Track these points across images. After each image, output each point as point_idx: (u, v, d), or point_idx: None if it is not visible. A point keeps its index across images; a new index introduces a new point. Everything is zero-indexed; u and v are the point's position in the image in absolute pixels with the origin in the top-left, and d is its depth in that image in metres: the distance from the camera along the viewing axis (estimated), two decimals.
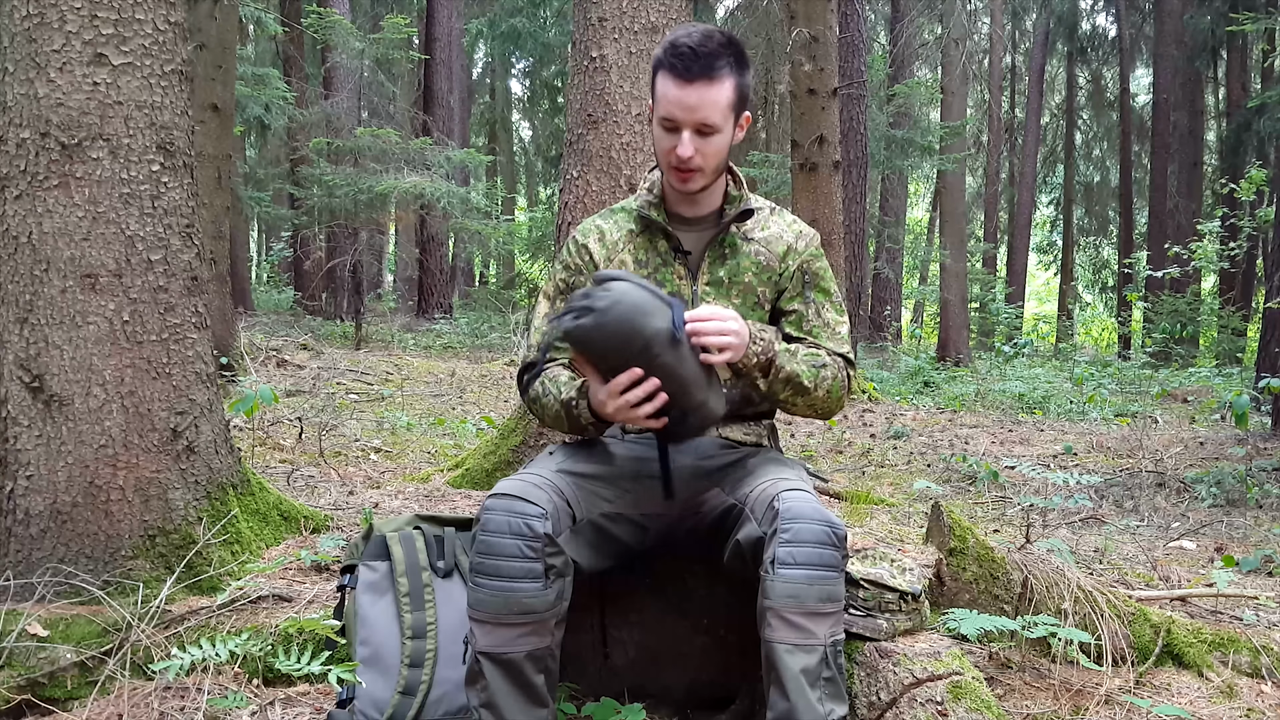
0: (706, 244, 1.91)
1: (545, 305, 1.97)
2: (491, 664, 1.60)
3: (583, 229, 1.98)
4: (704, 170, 1.81)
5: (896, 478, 4.72)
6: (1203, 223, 11.57)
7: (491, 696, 1.60)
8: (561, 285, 1.96)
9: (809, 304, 1.93)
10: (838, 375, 1.87)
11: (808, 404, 1.86)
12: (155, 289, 2.16)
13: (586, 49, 3.37)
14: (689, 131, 1.76)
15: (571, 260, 1.96)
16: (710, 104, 1.74)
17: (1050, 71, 22.10)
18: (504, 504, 1.62)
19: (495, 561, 1.60)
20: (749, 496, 1.74)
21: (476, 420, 5.66)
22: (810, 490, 1.70)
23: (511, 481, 1.68)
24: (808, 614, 1.55)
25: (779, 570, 1.57)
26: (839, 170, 8.09)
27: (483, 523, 1.62)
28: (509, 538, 1.60)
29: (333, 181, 9.97)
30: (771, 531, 1.61)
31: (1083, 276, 25.36)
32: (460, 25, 15.39)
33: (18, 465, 2.10)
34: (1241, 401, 4.83)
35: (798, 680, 1.53)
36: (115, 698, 1.83)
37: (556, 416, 1.84)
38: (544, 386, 1.86)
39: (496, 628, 1.60)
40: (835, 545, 1.59)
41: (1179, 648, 2.17)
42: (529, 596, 1.59)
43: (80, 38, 2.06)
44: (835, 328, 1.93)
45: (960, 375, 11.48)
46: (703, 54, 1.72)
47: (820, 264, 1.96)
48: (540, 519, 1.61)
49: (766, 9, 12.54)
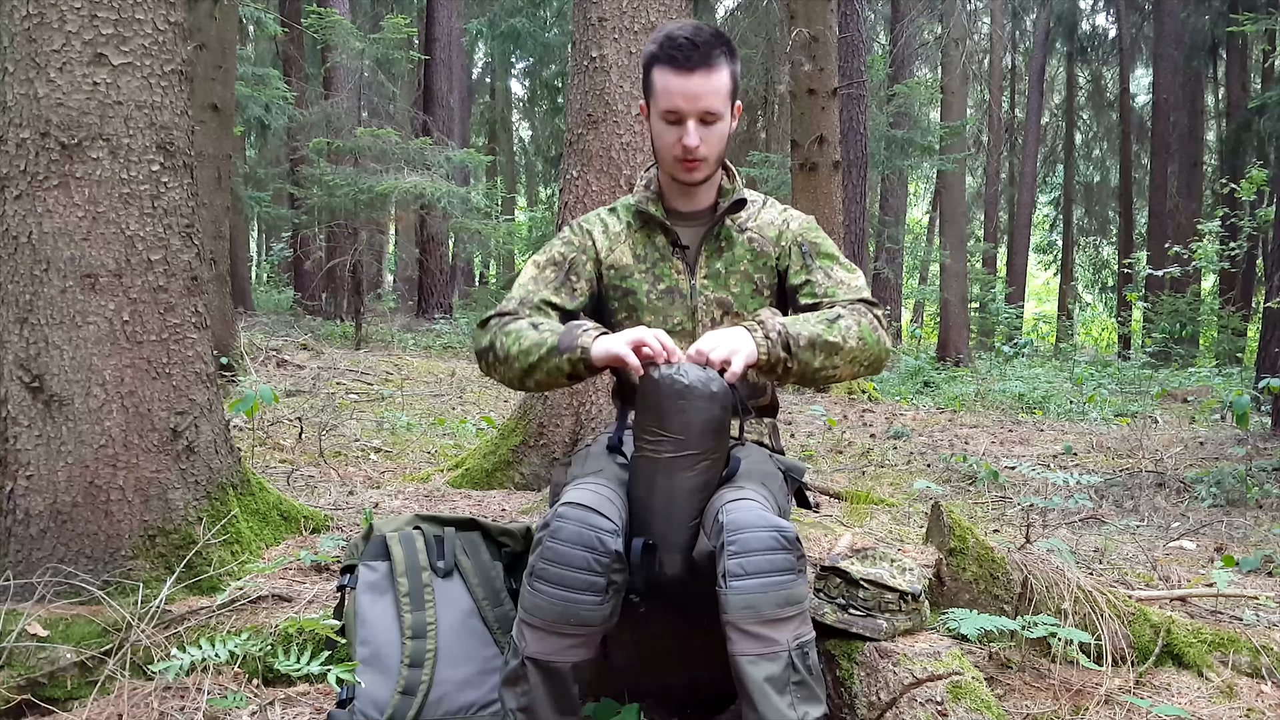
0: (702, 238, 1.92)
1: (533, 270, 1.93)
2: (538, 670, 1.59)
3: (587, 217, 2.00)
4: (709, 159, 1.83)
5: (896, 478, 4.72)
6: (1203, 223, 11.57)
7: (532, 702, 1.59)
8: (557, 258, 1.93)
9: (816, 270, 1.89)
10: (860, 320, 1.77)
11: (848, 360, 1.76)
12: (155, 289, 2.16)
13: (586, 49, 3.37)
14: (693, 121, 1.78)
15: (574, 239, 1.96)
16: (712, 92, 1.77)
17: (1050, 71, 22.09)
18: (578, 514, 1.60)
19: (560, 570, 1.57)
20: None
21: (476, 420, 5.66)
22: (759, 498, 1.67)
23: (585, 492, 1.65)
24: (766, 622, 1.54)
25: (731, 583, 1.55)
26: (839, 170, 8.10)
27: (553, 529, 1.59)
28: (579, 549, 1.57)
29: (333, 181, 9.97)
30: (720, 545, 1.59)
31: (1083, 276, 25.36)
32: (460, 25, 15.39)
33: (18, 465, 2.10)
34: (1241, 401, 4.83)
35: (763, 690, 1.52)
36: (115, 698, 1.83)
37: (534, 346, 1.73)
38: (532, 323, 1.78)
39: (549, 635, 1.58)
40: (786, 548, 1.57)
41: (1179, 648, 2.17)
42: (587, 609, 1.57)
43: (80, 38, 2.06)
44: (850, 283, 1.88)
45: (960, 375, 11.49)
46: (700, 43, 1.75)
47: (816, 234, 1.94)
48: (612, 535, 1.59)
49: (766, 9, 12.54)
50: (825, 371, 1.75)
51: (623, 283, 1.93)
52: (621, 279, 1.93)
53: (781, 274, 1.94)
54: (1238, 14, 10.13)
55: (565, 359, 1.70)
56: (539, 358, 1.73)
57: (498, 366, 1.80)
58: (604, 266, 1.94)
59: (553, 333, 1.74)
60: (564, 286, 1.90)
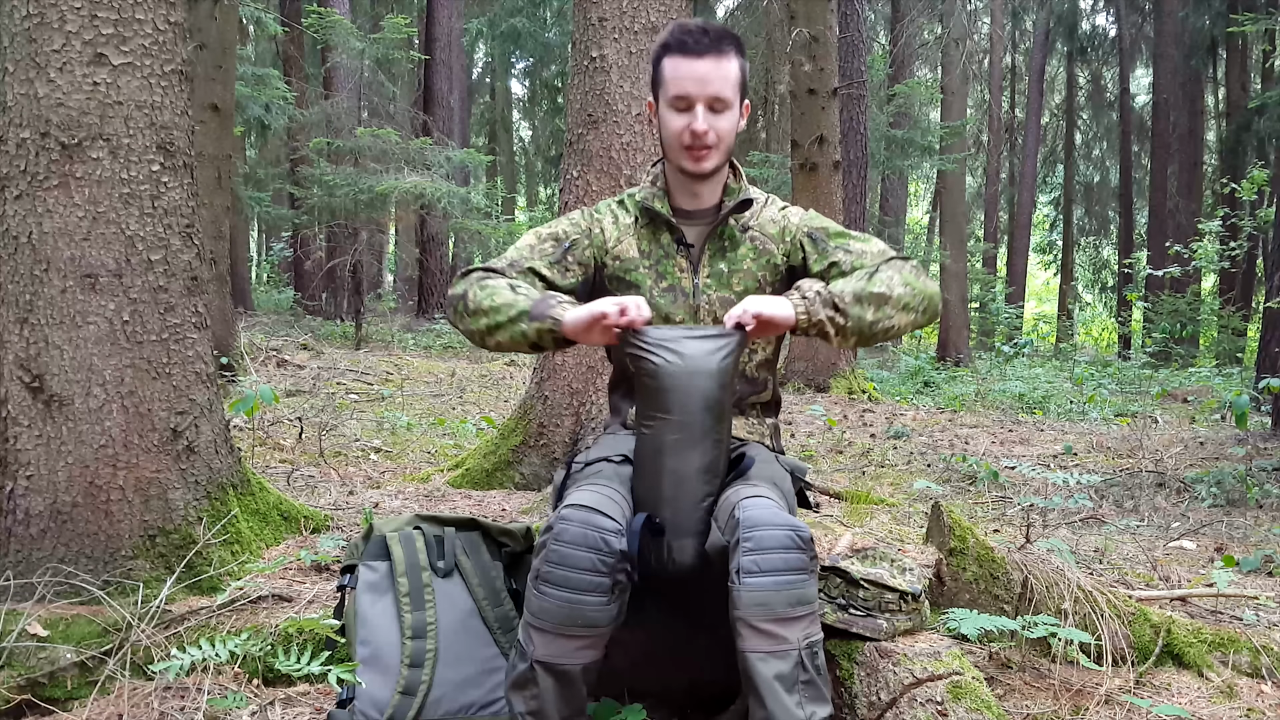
0: (706, 237, 1.93)
1: (531, 238, 1.93)
2: (547, 674, 1.58)
3: (599, 205, 2.01)
4: (718, 148, 1.84)
5: (896, 478, 4.72)
6: (1203, 222, 11.57)
7: (542, 705, 1.59)
8: (560, 234, 1.93)
9: (835, 251, 1.90)
10: (901, 269, 1.78)
11: (900, 308, 1.76)
12: (155, 289, 2.16)
13: (586, 49, 3.37)
14: (702, 106, 1.80)
15: (581, 221, 1.96)
16: (721, 78, 1.80)
17: (1050, 71, 22.09)
18: (582, 516, 1.59)
19: (565, 572, 1.57)
20: (714, 506, 1.73)
21: (476, 420, 5.66)
22: (774, 497, 1.67)
23: (588, 493, 1.65)
24: (778, 620, 1.54)
25: (745, 580, 1.55)
26: (839, 170, 8.10)
27: (557, 532, 1.59)
28: (584, 550, 1.57)
29: (333, 181, 9.97)
30: (735, 541, 1.59)
31: (1083, 276, 25.36)
32: (460, 25, 15.39)
33: (18, 465, 2.10)
34: (1241, 401, 4.82)
35: (772, 687, 1.52)
36: (115, 698, 1.83)
37: (505, 305, 1.73)
38: (511, 284, 1.78)
39: (558, 638, 1.58)
40: (800, 548, 1.58)
41: (1179, 648, 2.17)
42: (594, 610, 1.57)
43: (80, 38, 2.06)
44: (870, 248, 1.88)
45: (960, 375, 11.49)
46: (710, 31, 1.81)
47: (817, 220, 1.96)
48: (617, 535, 1.59)
49: (766, 9, 12.53)
50: (882, 324, 1.75)
51: (626, 275, 1.93)
52: (625, 271, 1.93)
53: (793, 269, 1.95)
54: (1237, 14, 10.13)
55: (534, 326, 1.71)
56: (507, 318, 1.73)
57: (464, 317, 1.79)
58: (609, 256, 1.94)
59: (528, 298, 1.75)
60: (558, 264, 1.90)
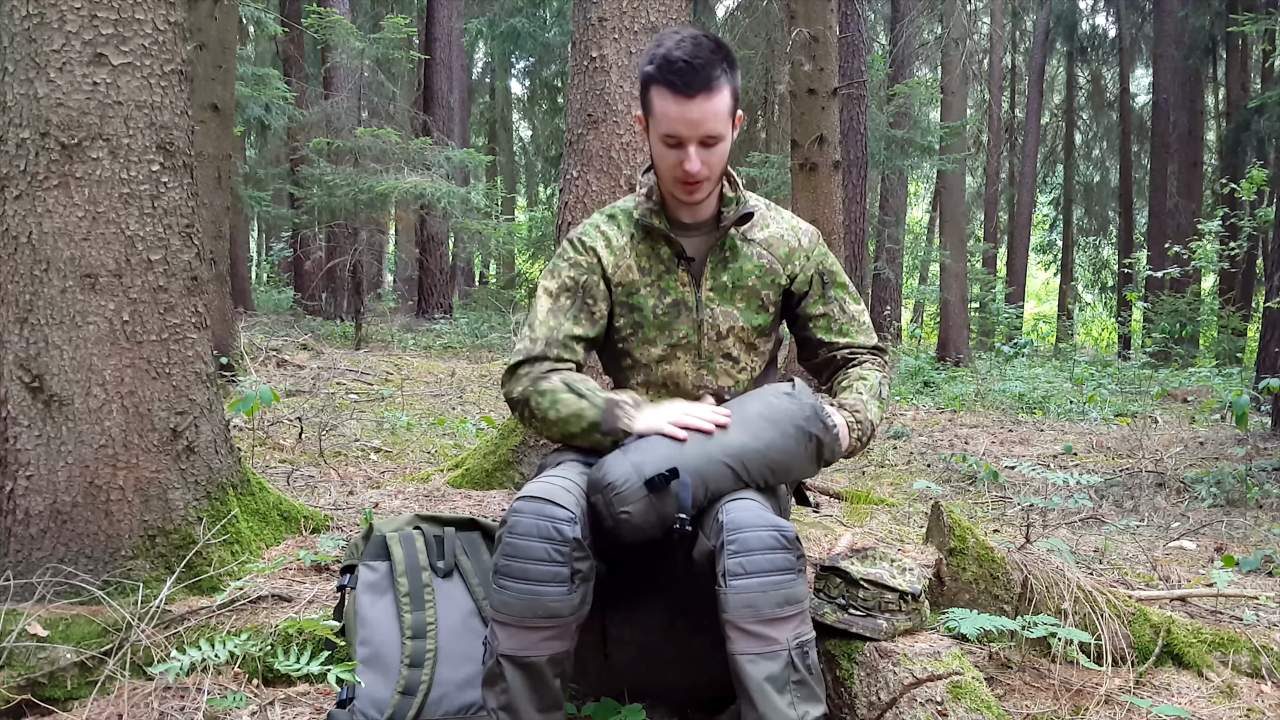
0: (708, 250, 1.91)
1: (548, 301, 1.90)
2: (513, 667, 1.59)
3: (586, 232, 1.94)
4: (710, 179, 1.82)
5: (896, 478, 4.72)
6: (1203, 222, 11.56)
7: (511, 699, 1.59)
8: (569, 283, 1.90)
9: (832, 303, 2.00)
10: (885, 378, 1.99)
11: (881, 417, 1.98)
12: (155, 289, 2.16)
13: (586, 49, 3.37)
14: (694, 146, 1.75)
15: (580, 259, 1.91)
16: (713, 115, 1.74)
17: (1050, 71, 22.08)
18: (533, 506, 1.60)
19: (522, 564, 1.58)
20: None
21: (476, 420, 5.66)
22: (757, 498, 1.67)
23: (540, 484, 1.65)
24: (766, 621, 1.55)
25: (731, 582, 1.56)
26: (839, 170, 8.09)
27: (510, 524, 1.60)
28: (537, 541, 1.58)
29: (333, 181, 9.97)
30: (719, 544, 1.59)
31: (1083, 276, 25.35)
32: (460, 25, 15.38)
33: (18, 465, 2.10)
34: (1241, 401, 4.83)
35: (762, 689, 1.53)
36: (115, 698, 1.83)
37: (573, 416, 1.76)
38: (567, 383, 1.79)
39: (520, 630, 1.59)
40: (786, 548, 1.58)
41: (1179, 648, 2.17)
42: (554, 600, 1.58)
43: (80, 38, 2.06)
44: (860, 318, 2.02)
45: (960, 375, 11.48)
46: (699, 67, 1.70)
47: (830, 259, 2.01)
48: (569, 523, 1.59)
49: (766, 9, 12.53)
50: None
51: (629, 299, 1.91)
52: (628, 295, 1.91)
53: (792, 294, 1.98)
54: (1237, 14, 10.13)
55: (609, 439, 1.75)
56: (580, 430, 1.77)
57: (533, 423, 1.83)
58: (612, 285, 1.91)
59: (591, 404, 1.76)
60: (583, 313, 1.88)
